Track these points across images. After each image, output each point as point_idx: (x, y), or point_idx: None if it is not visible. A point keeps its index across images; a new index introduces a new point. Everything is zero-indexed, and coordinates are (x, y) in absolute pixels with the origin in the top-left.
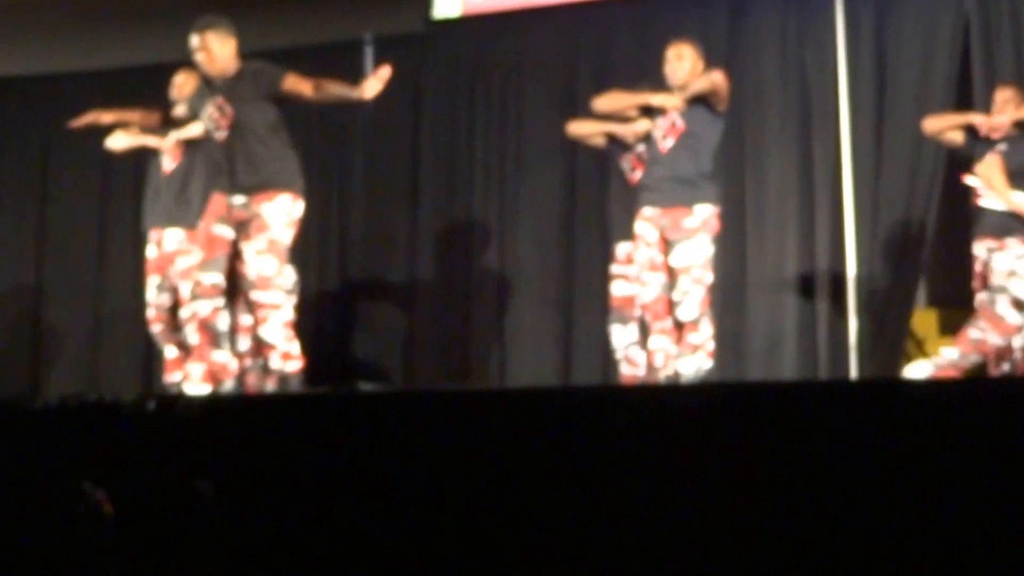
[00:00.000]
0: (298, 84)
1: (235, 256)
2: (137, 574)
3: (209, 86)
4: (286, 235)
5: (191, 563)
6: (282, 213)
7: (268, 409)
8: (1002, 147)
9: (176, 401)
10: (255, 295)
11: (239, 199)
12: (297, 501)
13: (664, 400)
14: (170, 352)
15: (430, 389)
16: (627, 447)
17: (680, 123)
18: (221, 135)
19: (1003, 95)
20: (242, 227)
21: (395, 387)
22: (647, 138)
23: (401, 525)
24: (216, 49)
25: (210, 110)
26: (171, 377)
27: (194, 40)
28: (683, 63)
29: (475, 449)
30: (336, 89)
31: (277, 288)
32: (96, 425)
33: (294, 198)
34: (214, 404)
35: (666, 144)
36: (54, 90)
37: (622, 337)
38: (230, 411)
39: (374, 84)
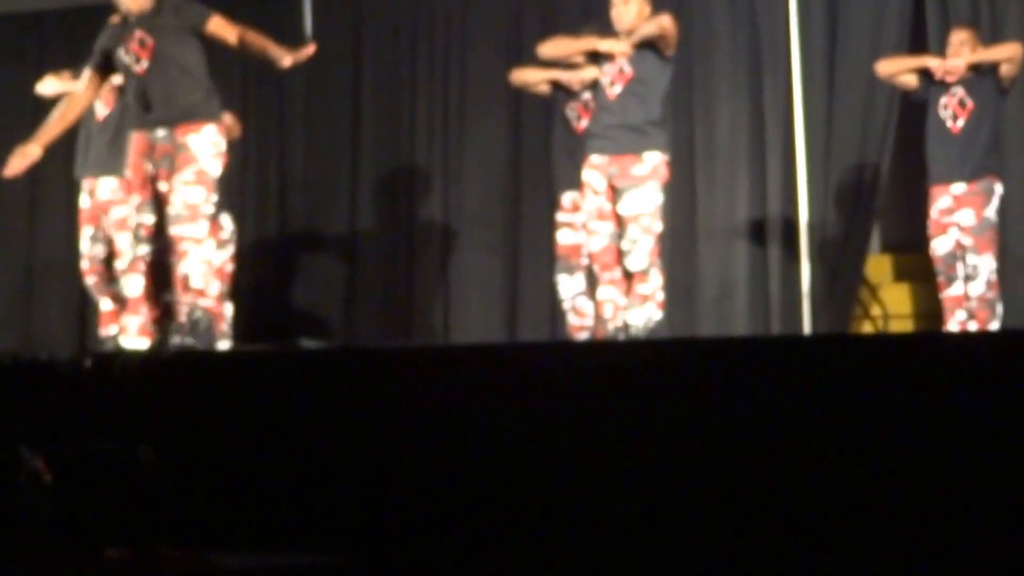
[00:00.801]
0: (223, 28)
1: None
2: (76, 544)
3: (127, 23)
4: (214, 167)
5: (131, 532)
6: (209, 144)
7: (208, 366)
8: (957, 90)
9: (113, 359)
10: (176, 229)
11: (161, 132)
12: (238, 463)
13: (612, 357)
14: (105, 305)
15: (373, 347)
16: (574, 406)
17: (628, 69)
18: (141, 67)
19: (958, 37)
20: (165, 160)
21: (337, 343)
22: (594, 85)
23: (343, 487)
24: None
25: (128, 44)
26: (107, 331)
27: None
28: (629, 7)
29: (421, 409)
30: (260, 42)
31: (202, 219)
32: (31, 385)
33: (219, 130)
34: (152, 361)
35: (614, 91)
36: None
37: (569, 287)
38: (168, 369)
39: (292, 57)
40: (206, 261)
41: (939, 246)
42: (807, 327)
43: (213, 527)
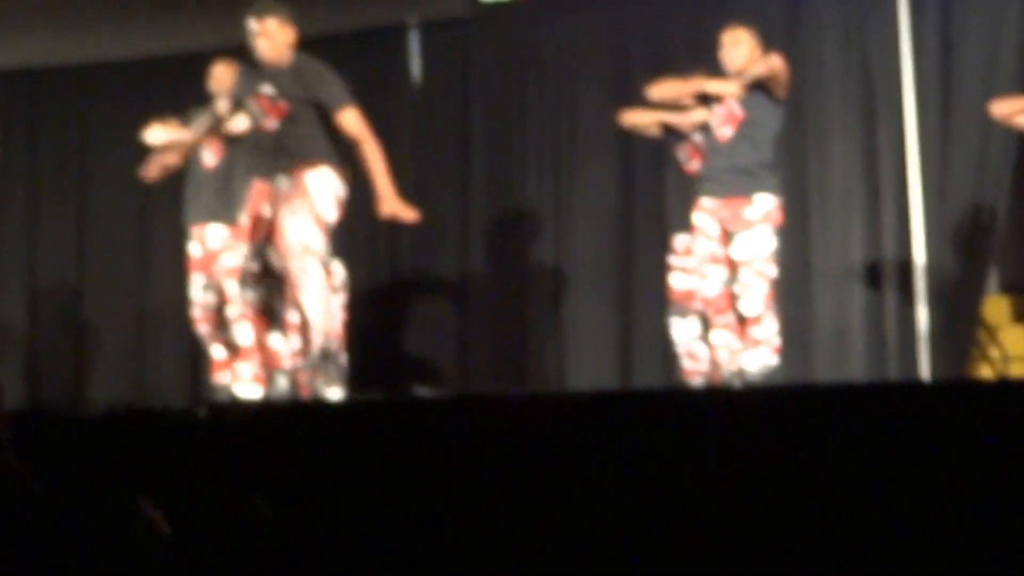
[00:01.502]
0: (352, 124)
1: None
2: None
3: (258, 74)
4: (329, 209)
5: None
6: (325, 184)
7: (321, 416)
8: None
9: (227, 408)
10: (292, 264)
11: (283, 179)
12: (356, 515)
13: (729, 404)
14: (217, 353)
15: (488, 394)
16: (691, 454)
17: (739, 111)
18: (271, 124)
19: None
20: (283, 200)
21: (450, 391)
22: (704, 127)
23: (462, 536)
24: (276, 36)
25: (257, 99)
26: (219, 378)
27: (252, 24)
28: (739, 48)
29: (538, 456)
30: (377, 166)
31: (312, 256)
32: (146, 436)
33: (337, 174)
34: (266, 411)
35: (724, 133)
36: (91, 80)
37: (683, 331)
38: (282, 418)
39: (393, 210)
40: (320, 292)
41: None
42: (925, 370)
43: None
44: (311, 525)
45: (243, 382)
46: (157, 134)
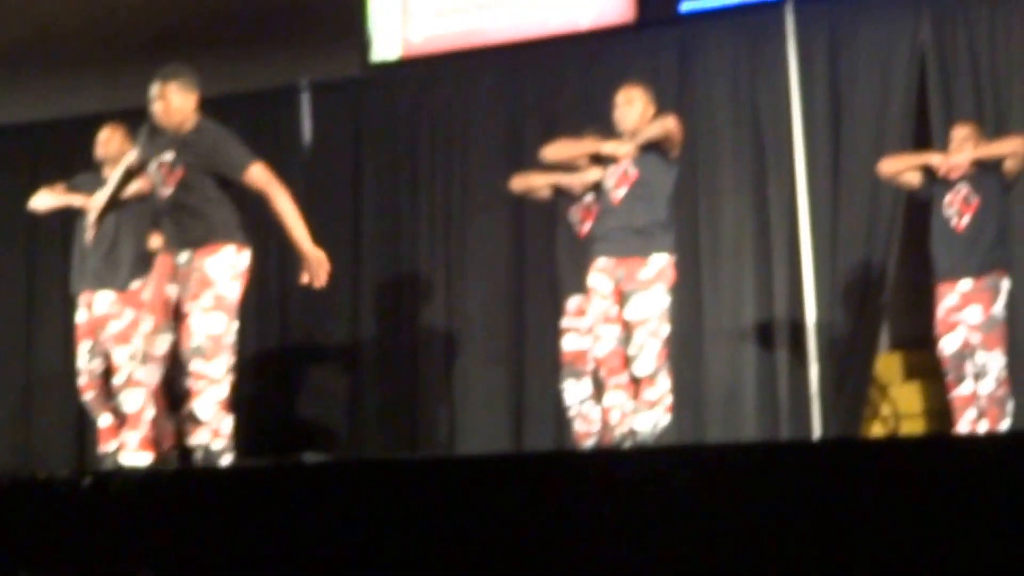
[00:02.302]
0: (259, 182)
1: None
2: None
3: (160, 139)
4: (233, 289)
5: None
6: (227, 265)
7: (210, 483)
8: (962, 188)
9: (112, 477)
10: (196, 365)
11: (183, 256)
12: None
13: (619, 465)
14: (104, 420)
15: (377, 459)
16: (581, 516)
17: (632, 171)
18: (167, 191)
19: (961, 133)
20: (185, 286)
21: (341, 456)
22: (597, 188)
23: None
24: (176, 101)
25: (158, 164)
26: (106, 447)
27: (155, 88)
28: (633, 107)
29: (426, 521)
30: (293, 221)
31: (223, 352)
32: (30, 505)
33: (238, 249)
34: (153, 480)
35: (619, 194)
36: None
37: (575, 393)
38: (169, 487)
39: (316, 257)
40: (220, 402)
41: (947, 345)
42: (817, 428)
43: None
44: None
45: (129, 450)
46: (43, 199)
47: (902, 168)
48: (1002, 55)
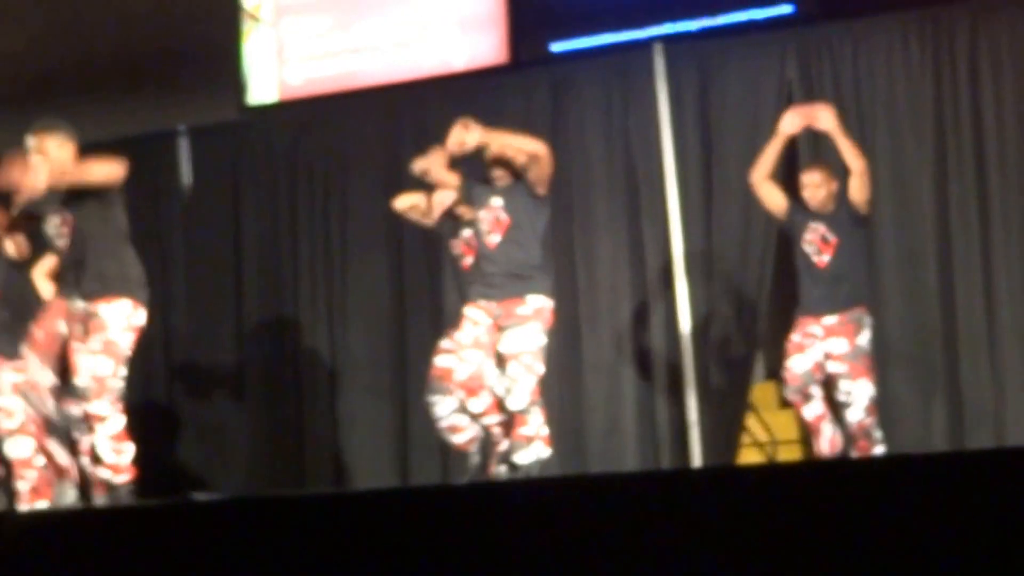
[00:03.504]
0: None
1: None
2: None
3: (34, 202)
4: (124, 339)
5: None
6: (121, 316)
7: (100, 524)
8: (819, 226)
9: (2, 520)
10: (85, 406)
11: (79, 304)
12: None
13: (504, 497)
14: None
15: (264, 496)
16: (468, 547)
17: (504, 217)
18: (63, 243)
19: (811, 178)
20: (79, 326)
21: (228, 495)
22: (474, 226)
23: None
24: (55, 154)
25: (53, 218)
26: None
27: (31, 142)
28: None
29: (314, 557)
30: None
31: (109, 393)
32: None
33: (135, 305)
34: (43, 521)
35: (492, 239)
36: None
37: (442, 407)
38: (60, 528)
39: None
40: (113, 436)
41: (795, 365)
42: (697, 456)
43: None
44: None
45: (23, 498)
46: None
47: (766, 160)
48: (865, 89)
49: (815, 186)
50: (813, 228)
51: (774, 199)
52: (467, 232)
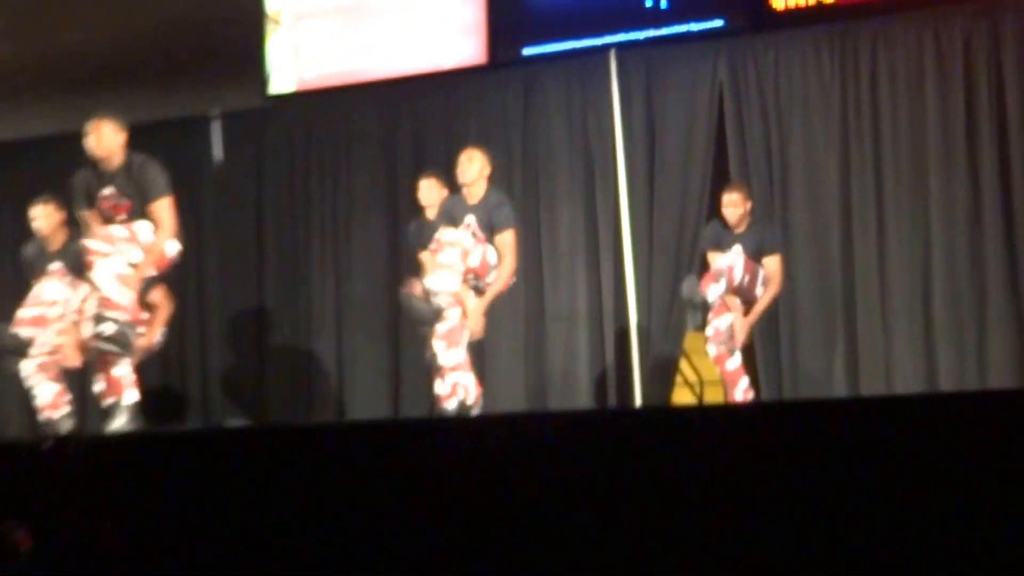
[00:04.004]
0: (157, 213)
1: None
2: None
3: (97, 179)
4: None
5: None
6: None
7: (146, 446)
8: (736, 245)
9: (68, 440)
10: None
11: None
12: (181, 533)
13: (473, 431)
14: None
15: (291, 425)
16: (450, 473)
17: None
18: (120, 219)
19: (729, 197)
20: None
21: (256, 423)
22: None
23: (274, 550)
24: (107, 138)
25: (105, 197)
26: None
27: (90, 128)
28: (473, 165)
29: (322, 478)
30: (156, 244)
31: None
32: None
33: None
34: (102, 443)
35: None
36: None
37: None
38: (116, 448)
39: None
40: (117, 274)
41: (719, 323)
42: (638, 394)
43: None
44: (144, 539)
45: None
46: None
47: None
48: (783, 92)
49: (731, 203)
50: (734, 246)
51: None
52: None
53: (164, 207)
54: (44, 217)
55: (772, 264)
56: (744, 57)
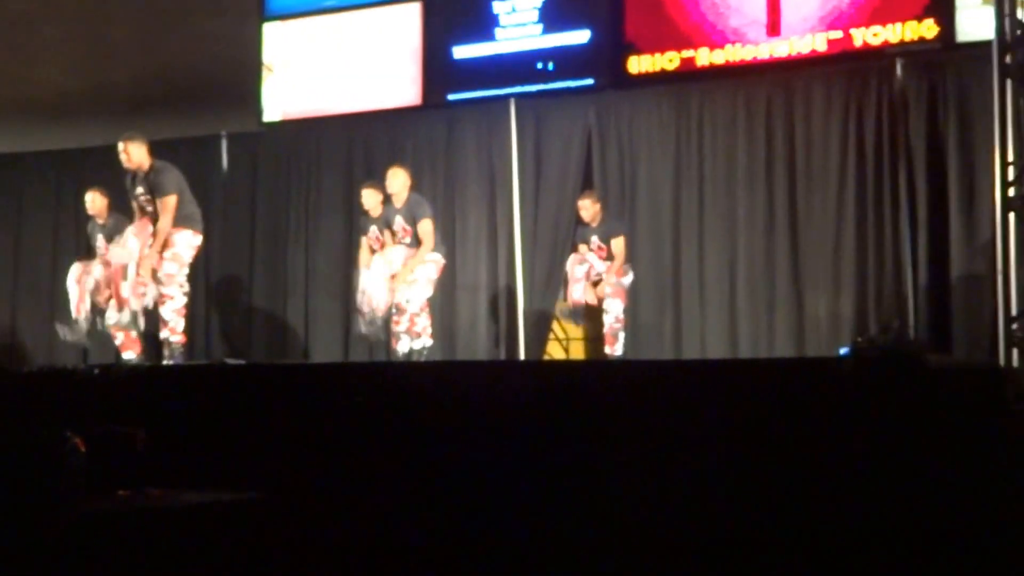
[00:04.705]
0: (163, 208)
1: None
2: (100, 489)
3: (132, 181)
4: (187, 254)
5: (131, 481)
6: (185, 242)
7: (174, 375)
8: (593, 237)
9: (111, 368)
10: (161, 289)
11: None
12: (199, 444)
13: (405, 374)
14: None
15: (278, 363)
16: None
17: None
18: (150, 210)
19: (584, 203)
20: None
21: (249, 360)
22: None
23: (260, 458)
24: (134, 153)
25: (139, 195)
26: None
27: (120, 146)
28: (397, 179)
29: (303, 411)
30: (160, 229)
31: (175, 284)
32: (63, 384)
33: (194, 233)
34: (138, 371)
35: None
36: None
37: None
38: (149, 375)
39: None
40: (175, 310)
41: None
42: (522, 350)
43: (182, 476)
44: (167, 447)
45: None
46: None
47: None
48: (635, 134)
49: (586, 208)
50: (591, 239)
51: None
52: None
53: (170, 202)
54: (92, 201)
55: (618, 245)
56: (608, 106)
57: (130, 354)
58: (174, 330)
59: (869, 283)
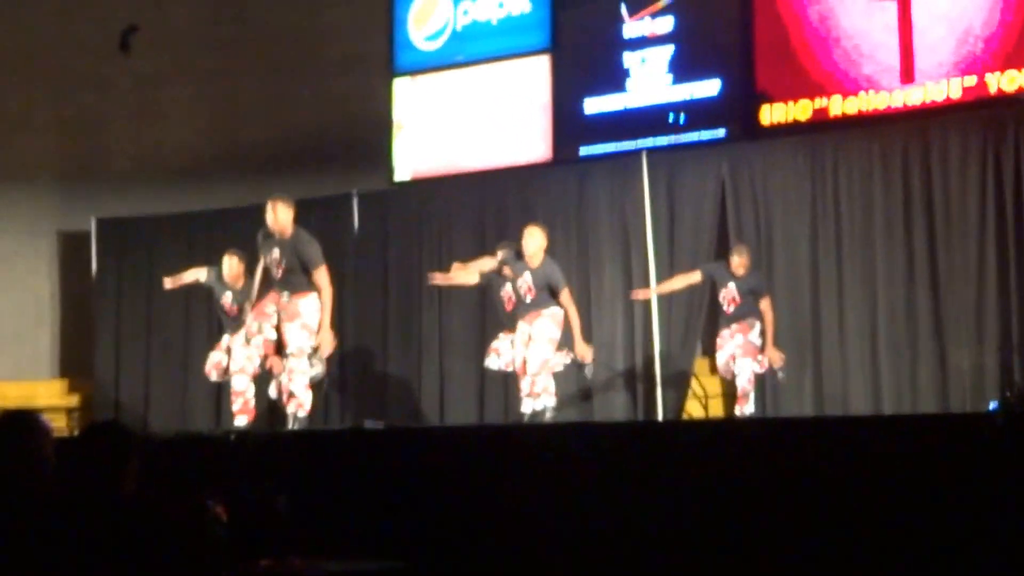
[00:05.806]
0: (318, 281)
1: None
2: (243, 557)
3: (269, 242)
4: (313, 320)
5: (274, 549)
6: (312, 306)
7: (308, 441)
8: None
9: (247, 436)
10: (291, 362)
11: (285, 296)
12: (337, 509)
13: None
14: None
15: (415, 427)
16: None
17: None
18: (278, 274)
19: (736, 254)
20: (284, 312)
21: (387, 425)
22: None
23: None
24: (281, 214)
25: (271, 257)
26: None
27: (268, 205)
28: (534, 239)
29: (433, 471)
30: (325, 309)
31: (304, 355)
32: (197, 451)
33: (317, 297)
34: (272, 438)
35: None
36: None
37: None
38: (285, 443)
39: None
40: (304, 385)
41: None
42: (660, 409)
43: (323, 545)
44: (310, 512)
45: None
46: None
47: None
48: (770, 184)
49: (738, 263)
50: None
51: (684, 283)
52: (507, 289)
53: (323, 274)
54: (229, 265)
55: (765, 304)
56: (740, 158)
57: (243, 419)
58: (301, 405)
59: (1013, 335)
